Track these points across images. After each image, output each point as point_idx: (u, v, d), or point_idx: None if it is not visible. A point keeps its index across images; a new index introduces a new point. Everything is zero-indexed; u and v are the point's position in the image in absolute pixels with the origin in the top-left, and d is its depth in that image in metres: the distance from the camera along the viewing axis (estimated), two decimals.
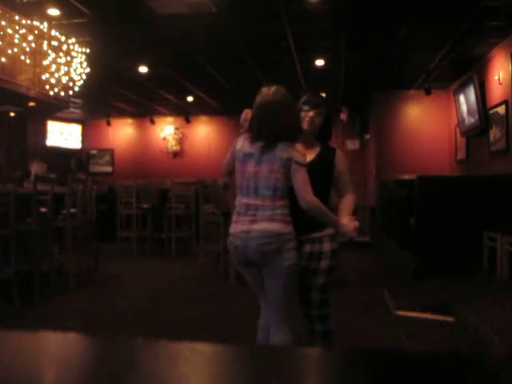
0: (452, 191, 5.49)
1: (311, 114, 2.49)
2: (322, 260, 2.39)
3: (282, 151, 2.26)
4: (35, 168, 6.51)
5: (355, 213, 2.68)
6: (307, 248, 2.41)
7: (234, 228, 2.32)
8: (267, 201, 2.27)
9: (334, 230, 2.43)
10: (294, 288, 2.34)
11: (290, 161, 2.26)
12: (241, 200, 2.34)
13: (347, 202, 2.55)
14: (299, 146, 2.30)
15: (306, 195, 2.26)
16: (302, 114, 2.49)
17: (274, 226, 2.24)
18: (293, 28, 5.66)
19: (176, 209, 7.71)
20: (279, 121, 2.30)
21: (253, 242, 2.24)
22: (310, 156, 2.44)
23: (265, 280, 2.32)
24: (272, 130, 2.29)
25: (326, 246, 2.41)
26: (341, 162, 2.52)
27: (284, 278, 2.27)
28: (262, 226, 2.24)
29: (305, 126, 2.47)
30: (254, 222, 2.26)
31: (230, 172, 2.48)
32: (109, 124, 11.83)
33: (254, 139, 2.33)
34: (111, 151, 12.22)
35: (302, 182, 2.27)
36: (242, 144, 2.37)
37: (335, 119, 10.59)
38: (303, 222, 2.33)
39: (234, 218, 2.35)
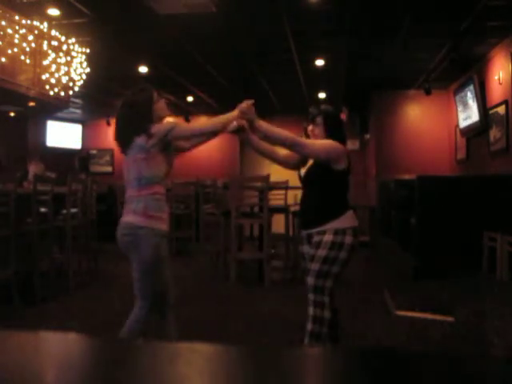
0: (452, 191, 5.49)
1: (310, 127, 2.82)
2: (319, 249, 2.60)
3: (136, 142, 2.46)
4: (33, 168, 6.51)
5: (354, 211, 2.83)
6: (314, 239, 2.67)
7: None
8: (134, 193, 2.46)
9: (342, 225, 2.62)
10: (151, 280, 2.55)
11: (147, 146, 2.43)
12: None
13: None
14: (156, 126, 2.50)
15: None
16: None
17: (134, 219, 2.41)
18: (293, 28, 5.65)
19: (176, 209, 7.71)
20: (122, 126, 2.59)
21: (118, 232, 2.47)
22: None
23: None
24: (126, 129, 2.54)
25: (327, 237, 2.60)
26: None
27: (138, 273, 2.55)
28: (127, 218, 2.45)
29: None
30: (125, 214, 2.47)
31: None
32: (109, 124, 11.82)
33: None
34: (111, 151, 12.21)
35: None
36: None
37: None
38: (310, 218, 2.72)
39: None
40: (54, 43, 5.89)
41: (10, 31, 5.35)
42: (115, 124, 2.63)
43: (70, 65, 6.23)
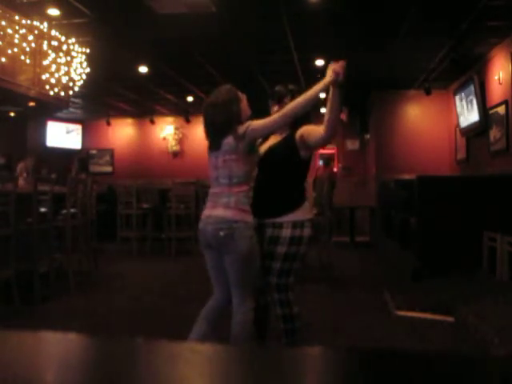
0: (452, 191, 5.49)
1: (275, 108, 2.70)
2: (278, 245, 2.50)
3: (225, 143, 2.45)
4: (20, 166, 6.53)
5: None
6: (268, 232, 2.54)
7: (202, 214, 2.53)
8: (225, 190, 2.45)
9: (299, 217, 2.51)
10: (252, 272, 2.45)
11: (237, 140, 2.42)
12: (209, 190, 2.56)
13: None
14: (240, 127, 2.45)
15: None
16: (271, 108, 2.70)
17: (228, 213, 2.39)
18: (293, 28, 5.66)
19: (176, 209, 7.71)
20: (214, 120, 2.53)
21: (209, 226, 2.43)
22: (276, 140, 2.64)
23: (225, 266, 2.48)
24: (213, 130, 2.52)
25: (285, 232, 2.48)
26: (302, 129, 2.60)
27: (237, 264, 2.42)
28: (217, 212, 2.42)
29: None
30: (213, 208, 2.45)
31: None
32: (109, 124, 11.82)
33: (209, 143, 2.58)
34: (111, 151, 12.22)
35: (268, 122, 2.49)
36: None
37: None
38: (264, 206, 2.54)
39: (205, 205, 2.56)
40: (54, 43, 5.89)
41: (10, 31, 5.36)
42: (204, 124, 2.60)
43: (70, 65, 6.24)
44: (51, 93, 6.16)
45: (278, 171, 2.57)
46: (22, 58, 5.65)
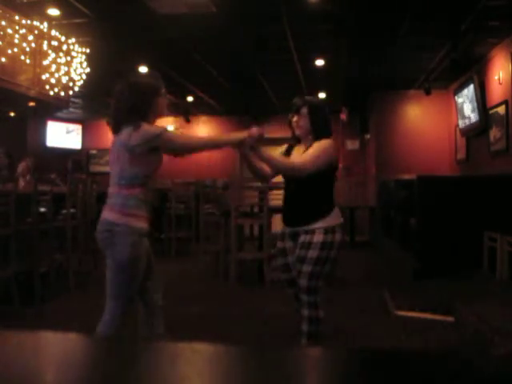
0: (452, 191, 5.49)
1: (295, 118, 2.74)
2: (310, 250, 2.57)
3: (123, 136, 2.26)
4: (21, 166, 6.52)
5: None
6: (301, 239, 2.63)
7: None
8: (115, 189, 2.32)
9: (330, 223, 2.59)
10: (126, 282, 2.38)
11: (130, 145, 2.23)
12: None
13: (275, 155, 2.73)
14: (146, 125, 2.28)
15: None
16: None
17: (111, 216, 2.28)
18: (293, 28, 5.66)
19: (176, 209, 7.71)
20: (116, 107, 2.32)
21: (97, 228, 2.34)
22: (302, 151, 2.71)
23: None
24: (113, 116, 2.33)
25: (317, 238, 2.56)
26: (314, 145, 2.65)
27: (112, 270, 2.34)
28: (104, 214, 2.33)
29: (296, 131, 2.74)
30: (104, 210, 2.35)
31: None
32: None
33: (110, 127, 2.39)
34: None
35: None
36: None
37: (334, 117, 10.59)
38: (296, 216, 2.66)
39: None
40: (54, 43, 5.89)
41: (10, 31, 5.35)
42: (111, 104, 2.38)
43: (70, 65, 6.23)
44: (51, 93, 6.16)
45: (306, 184, 2.63)
46: (22, 58, 5.65)
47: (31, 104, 6.80)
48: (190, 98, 9.77)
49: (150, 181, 2.42)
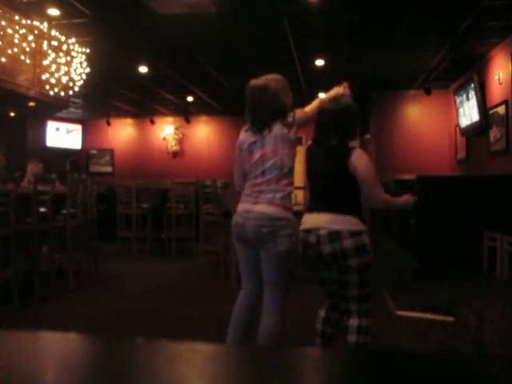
0: (452, 191, 5.49)
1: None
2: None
3: (278, 129, 2.42)
4: (31, 168, 6.51)
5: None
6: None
7: (239, 207, 2.48)
8: (272, 182, 2.39)
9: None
10: (287, 271, 2.43)
11: (285, 136, 2.41)
12: (249, 183, 2.49)
13: None
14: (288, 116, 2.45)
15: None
16: None
17: (271, 210, 2.34)
18: (293, 28, 5.66)
19: (176, 209, 7.71)
20: (269, 102, 2.48)
21: (251, 222, 2.37)
22: None
23: (261, 262, 2.42)
24: (265, 111, 2.47)
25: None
26: None
27: (275, 263, 2.36)
28: (261, 208, 2.36)
29: None
30: (255, 203, 2.39)
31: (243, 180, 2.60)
32: (109, 124, 11.83)
33: (253, 127, 2.52)
34: (111, 151, 12.21)
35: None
36: (244, 137, 2.54)
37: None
38: None
39: (242, 198, 2.51)
40: (54, 43, 5.89)
41: (10, 31, 5.35)
42: (250, 108, 2.55)
43: (70, 65, 6.24)
44: (51, 93, 6.16)
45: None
46: (22, 58, 5.65)
47: (31, 104, 6.80)
48: (189, 98, 9.77)
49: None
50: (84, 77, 6.47)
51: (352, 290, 2.45)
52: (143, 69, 7.50)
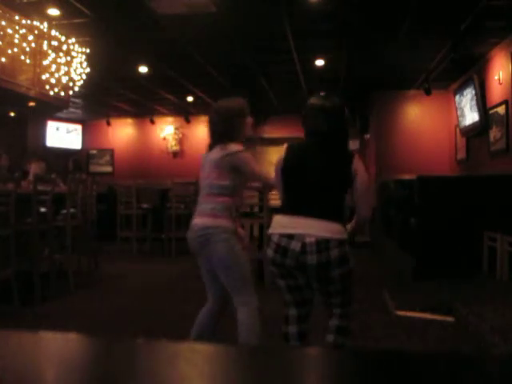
0: (452, 191, 5.49)
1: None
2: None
3: (215, 153, 2.56)
4: (34, 168, 6.51)
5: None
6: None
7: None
8: (207, 199, 2.58)
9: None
10: (240, 272, 2.51)
11: (224, 160, 2.52)
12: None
13: None
14: (233, 146, 2.54)
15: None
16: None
17: (202, 221, 2.54)
18: (293, 28, 5.66)
19: (176, 209, 7.71)
20: (214, 128, 2.62)
21: (192, 235, 2.61)
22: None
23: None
24: (213, 134, 2.62)
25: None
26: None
27: (221, 269, 2.51)
28: (195, 221, 2.58)
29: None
30: (194, 219, 2.62)
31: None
32: (109, 124, 11.82)
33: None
34: (111, 151, 12.21)
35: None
36: (204, 155, 2.73)
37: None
38: None
39: None
40: (54, 43, 5.89)
41: (10, 31, 5.35)
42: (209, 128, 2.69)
43: (70, 65, 6.23)
44: (51, 93, 6.16)
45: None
46: (22, 57, 5.65)
47: (31, 104, 6.80)
48: (189, 98, 9.77)
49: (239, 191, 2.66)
50: (84, 77, 6.46)
51: (335, 298, 2.40)
52: (143, 69, 7.50)
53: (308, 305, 2.46)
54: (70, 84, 6.36)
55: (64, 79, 6.24)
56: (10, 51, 5.44)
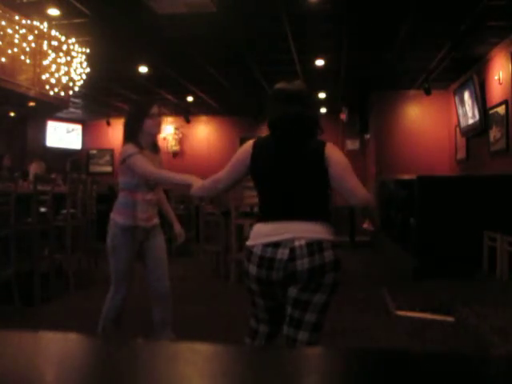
0: (452, 191, 5.49)
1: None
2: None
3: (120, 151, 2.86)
4: (34, 168, 6.51)
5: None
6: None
7: None
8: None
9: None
10: (113, 264, 3.04)
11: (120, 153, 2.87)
12: None
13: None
14: (127, 146, 2.78)
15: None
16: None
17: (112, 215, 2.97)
18: (293, 28, 5.65)
19: (176, 209, 7.71)
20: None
21: None
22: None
23: None
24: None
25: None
26: None
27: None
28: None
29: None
30: None
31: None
32: (109, 124, 11.82)
33: None
34: (111, 151, 12.21)
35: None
36: None
37: (334, 117, 10.59)
38: None
39: None
40: (54, 43, 5.89)
41: (10, 31, 5.35)
42: None
43: (70, 65, 6.23)
44: (51, 93, 6.16)
45: None
46: (22, 57, 5.65)
47: (31, 104, 6.80)
48: (189, 98, 9.77)
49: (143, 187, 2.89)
50: (84, 77, 6.47)
51: (310, 315, 1.96)
52: (143, 69, 7.50)
53: (278, 324, 2.11)
54: (70, 84, 6.36)
55: (64, 79, 6.24)
56: (10, 51, 5.44)
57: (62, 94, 6.32)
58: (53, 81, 6.09)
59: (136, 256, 2.98)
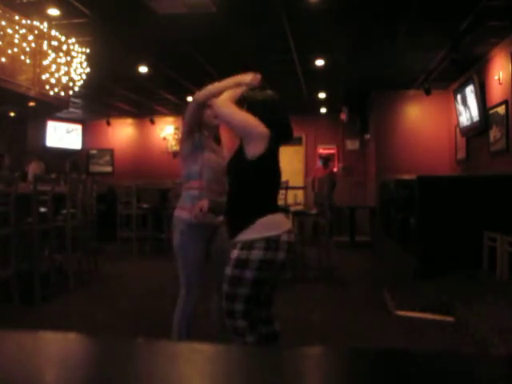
0: (452, 191, 5.49)
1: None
2: (228, 266, 2.19)
3: None
4: (33, 168, 6.51)
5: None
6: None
7: None
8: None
9: (249, 237, 2.14)
10: (183, 264, 2.65)
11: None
12: None
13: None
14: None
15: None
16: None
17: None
18: (293, 28, 5.66)
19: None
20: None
21: None
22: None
23: None
24: None
25: (234, 253, 2.17)
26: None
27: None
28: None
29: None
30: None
31: None
32: (109, 124, 11.82)
33: None
34: (111, 151, 12.21)
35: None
36: None
37: (334, 117, 10.58)
38: (230, 224, 2.29)
39: None
40: (54, 43, 5.89)
41: (10, 31, 5.35)
42: None
43: (70, 65, 6.23)
44: (51, 93, 6.16)
45: (235, 179, 2.34)
46: (22, 57, 5.65)
47: (31, 104, 6.80)
48: (189, 98, 9.76)
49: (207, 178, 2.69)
50: (84, 77, 6.46)
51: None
52: (143, 69, 7.50)
53: (270, 305, 2.36)
54: (70, 84, 6.36)
55: (64, 79, 6.24)
56: (10, 51, 5.44)
57: (62, 94, 6.32)
58: (53, 81, 6.09)
59: (206, 254, 2.68)
